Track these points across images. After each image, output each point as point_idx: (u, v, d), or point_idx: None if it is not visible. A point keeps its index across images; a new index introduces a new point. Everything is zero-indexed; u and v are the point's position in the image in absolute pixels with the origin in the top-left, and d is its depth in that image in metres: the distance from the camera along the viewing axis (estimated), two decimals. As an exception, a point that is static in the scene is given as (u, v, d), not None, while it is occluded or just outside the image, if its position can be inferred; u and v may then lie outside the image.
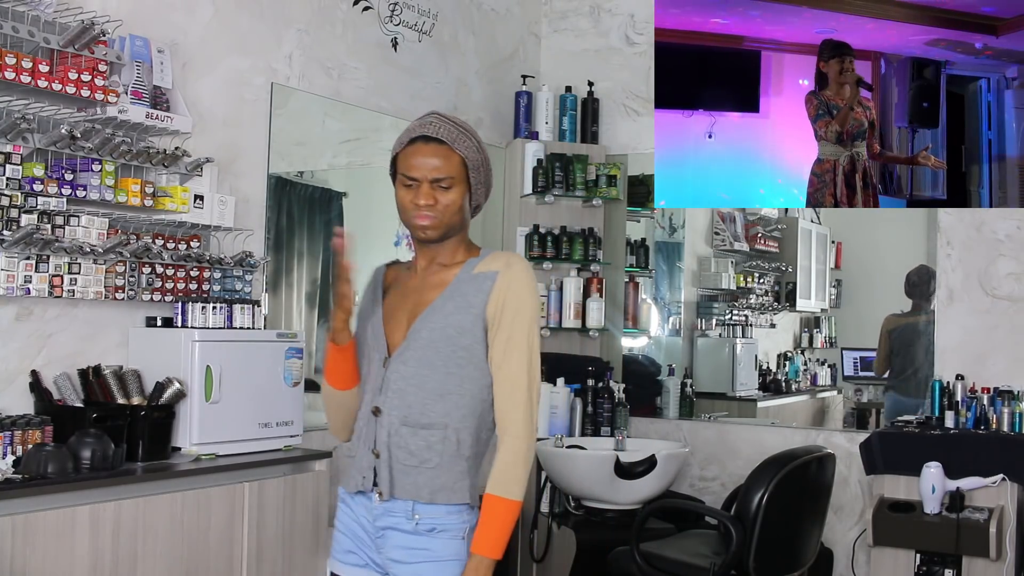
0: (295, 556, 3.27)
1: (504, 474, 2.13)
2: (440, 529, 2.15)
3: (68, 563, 2.65)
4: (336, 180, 4.37)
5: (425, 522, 2.15)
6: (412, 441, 2.15)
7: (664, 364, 5.38)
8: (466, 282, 2.20)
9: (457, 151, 2.17)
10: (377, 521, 2.19)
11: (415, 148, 2.18)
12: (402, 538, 2.16)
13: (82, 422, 2.92)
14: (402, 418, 2.16)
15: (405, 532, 2.16)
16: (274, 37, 3.92)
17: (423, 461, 2.14)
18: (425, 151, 2.17)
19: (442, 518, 2.15)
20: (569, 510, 4.40)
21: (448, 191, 2.17)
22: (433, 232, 2.19)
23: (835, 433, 4.84)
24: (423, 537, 2.15)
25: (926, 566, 4.00)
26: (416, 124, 2.21)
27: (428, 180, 2.16)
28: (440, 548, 2.14)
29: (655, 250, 5.45)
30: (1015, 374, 4.35)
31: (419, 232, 2.20)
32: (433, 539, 2.14)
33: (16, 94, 2.95)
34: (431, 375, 2.16)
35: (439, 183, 2.16)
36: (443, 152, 2.16)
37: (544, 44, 5.44)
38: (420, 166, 2.16)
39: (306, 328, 4.11)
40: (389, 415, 2.17)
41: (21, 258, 2.96)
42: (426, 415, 2.15)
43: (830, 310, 6.07)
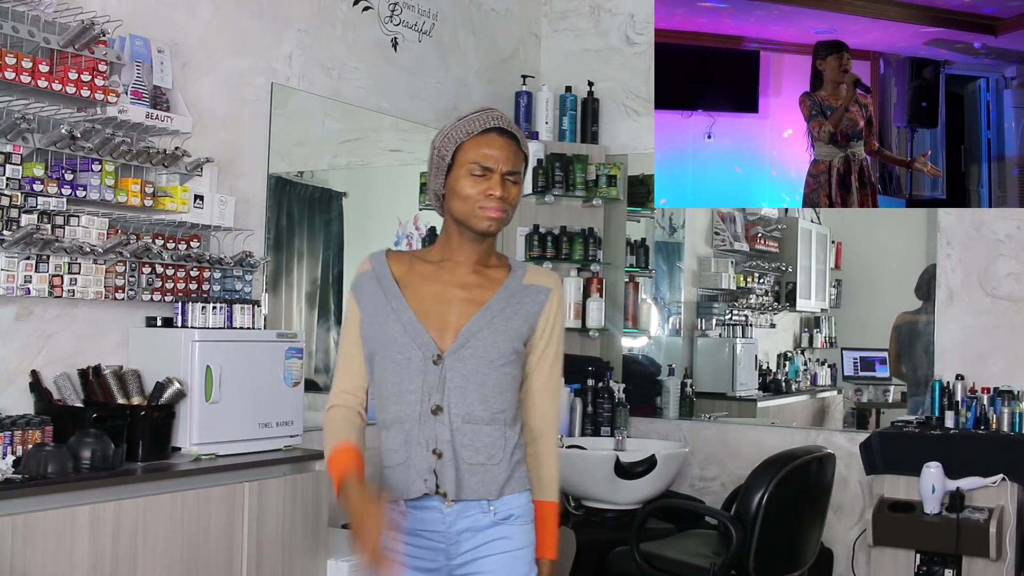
0: (295, 556, 3.27)
1: (552, 482, 2.30)
2: (517, 515, 2.20)
3: (68, 563, 2.65)
4: (336, 180, 4.37)
5: (502, 511, 2.18)
6: (477, 439, 2.16)
7: (664, 364, 5.38)
8: (521, 291, 2.23)
9: (523, 148, 2.21)
10: (453, 526, 2.16)
11: (489, 139, 2.16)
12: (480, 535, 2.17)
13: (82, 422, 2.92)
14: (465, 415, 2.15)
15: (483, 529, 2.16)
16: (274, 37, 3.92)
17: (490, 458, 2.16)
18: (500, 143, 2.17)
19: (520, 506, 2.21)
20: (569, 510, 4.40)
21: (515, 185, 2.19)
22: (498, 225, 2.18)
23: (835, 433, 4.84)
24: (501, 527, 2.17)
25: (926, 566, 4.00)
26: (483, 116, 2.18)
27: (502, 172, 2.16)
28: (519, 535, 2.19)
29: (655, 250, 5.45)
30: (1015, 374, 4.35)
31: (485, 224, 2.16)
32: (511, 526, 2.18)
33: (16, 94, 2.95)
34: (490, 374, 2.16)
35: (510, 176, 2.17)
36: (515, 147, 2.19)
37: (544, 44, 5.44)
38: (496, 157, 2.16)
39: (306, 328, 4.11)
40: (450, 413, 2.15)
41: (21, 258, 2.96)
42: (488, 411, 2.16)
43: (830, 310, 6.07)
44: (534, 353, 2.24)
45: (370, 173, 4.63)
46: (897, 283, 5.13)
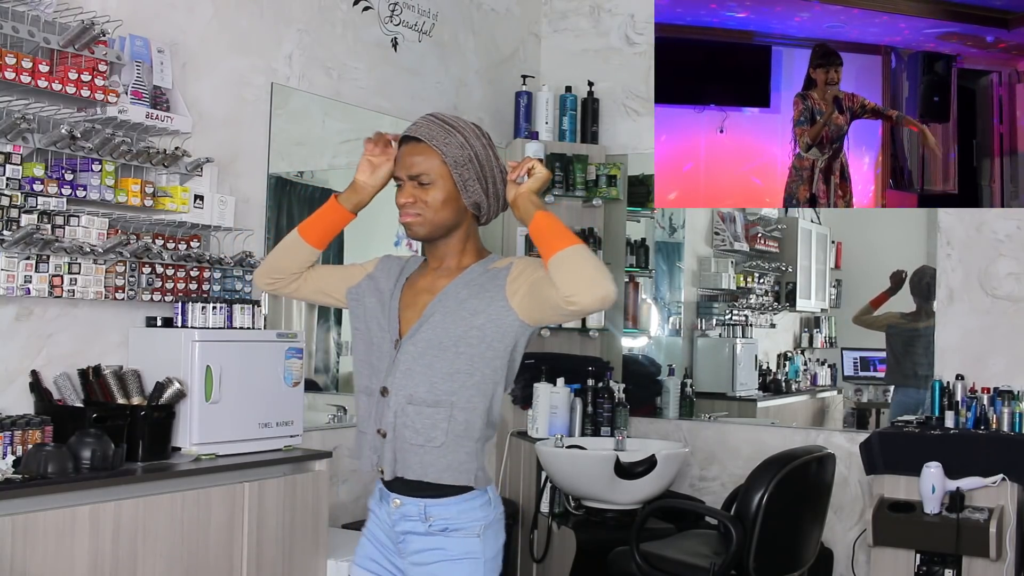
0: (295, 556, 3.27)
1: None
2: (453, 528, 2.17)
3: (68, 563, 2.65)
4: (336, 180, 4.37)
5: (438, 523, 2.17)
6: (417, 420, 2.17)
7: (664, 364, 5.38)
8: (480, 274, 2.23)
9: (436, 148, 2.18)
10: (396, 527, 2.22)
11: (402, 151, 2.24)
12: (419, 541, 2.18)
13: (82, 422, 2.92)
14: (408, 397, 2.18)
15: (420, 535, 2.18)
16: (274, 37, 3.92)
17: (429, 439, 2.16)
18: (406, 151, 2.23)
19: (454, 518, 2.17)
20: (569, 510, 4.40)
21: (429, 188, 2.19)
22: (420, 229, 2.22)
23: (835, 433, 4.84)
24: (437, 537, 2.17)
25: (926, 566, 4.00)
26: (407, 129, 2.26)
27: (407, 178, 2.21)
28: (454, 547, 2.17)
29: (655, 250, 5.46)
30: (1015, 374, 4.35)
31: (407, 230, 2.24)
32: (448, 539, 2.17)
33: (16, 94, 2.95)
34: (440, 355, 2.17)
35: (418, 180, 2.20)
36: (421, 150, 2.20)
37: (544, 44, 5.44)
38: (402, 165, 2.23)
39: (306, 328, 4.11)
40: (396, 395, 2.19)
41: (21, 258, 2.96)
42: (432, 393, 2.17)
43: (830, 310, 6.08)
44: (515, 298, 2.15)
45: (370, 173, 4.63)
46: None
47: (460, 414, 2.17)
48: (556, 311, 2.10)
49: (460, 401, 2.17)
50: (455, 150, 2.18)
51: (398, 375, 2.19)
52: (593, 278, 2.03)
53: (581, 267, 2.04)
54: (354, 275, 2.37)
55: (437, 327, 2.18)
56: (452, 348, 2.17)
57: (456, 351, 2.17)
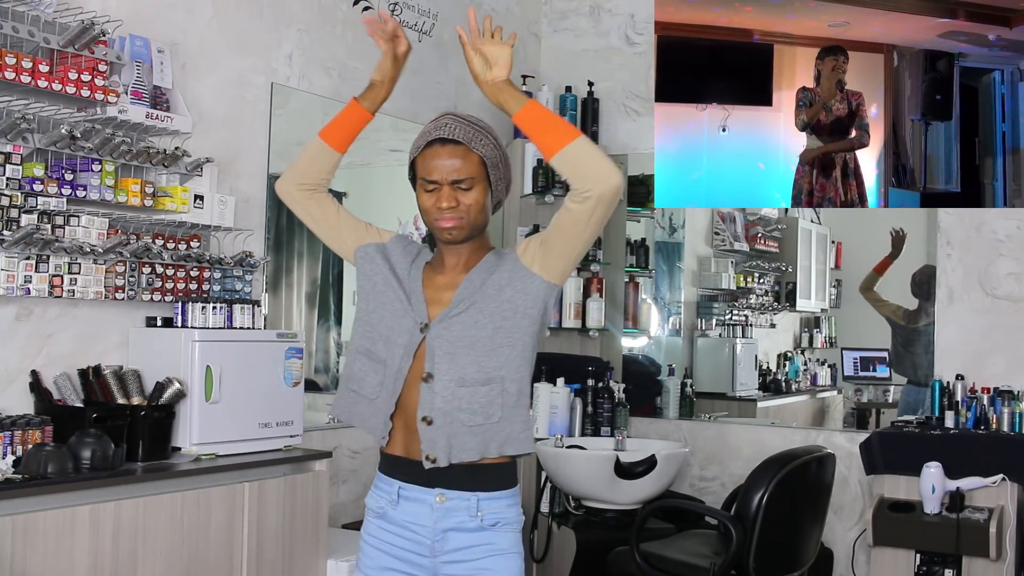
0: (295, 556, 3.27)
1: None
2: (504, 522, 2.17)
3: (68, 563, 2.65)
4: (336, 180, 4.33)
5: (489, 517, 2.16)
6: (473, 400, 2.15)
7: (664, 364, 5.38)
8: (495, 262, 2.24)
9: (475, 150, 2.18)
10: (439, 523, 2.17)
11: (433, 151, 2.19)
12: (464, 537, 2.16)
13: (82, 422, 2.92)
14: (458, 380, 2.15)
15: (468, 531, 2.16)
16: (274, 37, 3.92)
17: (487, 417, 2.15)
18: (443, 153, 2.18)
19: (504, 511, 2.18)
20: (569, 510, 4.40)
21: (469, 191, 2.19)
22: (459, 233, 2.20)
23: (835, 433, 4.84)
24: (487, 532, 2.16)
25: (926, 566, 4.00)
26: (431, 127, 2.22)
27: (448, 182, 2.17)
28: (502, 541, 2.17)
29: (655, 250, 5.45)
30: (1015, 374, 4.35)
31: (445, 234, 2.20)
32: (497, 533, 2.17)
33: (16, 94, 2.95)
34: (479, 334, 2.16)
35: (459, 184, 2.17)
36: (460, 152, 2.18)
37: (544, 44, 5.44)
38: (439, 168, 2.17)
39: (306, 328, 4.11)
40: (442, 380, 2.16)
41: (21, 258, 2.96)
42: (482, 372, 2.16)
43: (830, 310, 6.08)
44: (535, 264, 2.19)
45: (370, 173, 4.63)
46: (897, 283, 5.14)
47: (512, 386, 2.16)
48: (571, 219, 2.12)
49: (509, 374, 2.16)
50: (491, 151, 2.20)
51: (440, 360, 2.16)
52: (607, 171, 2.09)
53: (594, 160, 2.11)
54: (368, 235, 2.35)
55: (471, 309, 2.17)
56: (489, 325, 2.16)
57: (494, 327, 2.16)
